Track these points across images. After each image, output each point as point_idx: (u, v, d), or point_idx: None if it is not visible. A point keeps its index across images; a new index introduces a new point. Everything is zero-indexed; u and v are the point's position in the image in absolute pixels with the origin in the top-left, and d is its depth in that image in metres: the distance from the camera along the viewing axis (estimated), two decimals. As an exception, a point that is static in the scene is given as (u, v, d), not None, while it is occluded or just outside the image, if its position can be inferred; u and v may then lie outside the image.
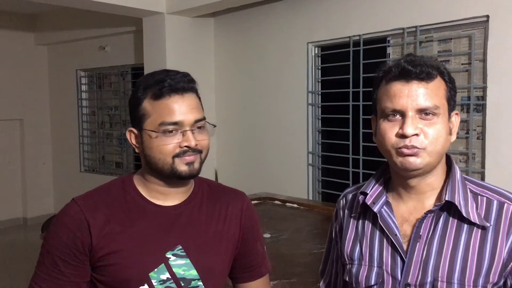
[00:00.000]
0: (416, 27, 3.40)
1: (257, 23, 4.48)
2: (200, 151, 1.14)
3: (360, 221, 1.16)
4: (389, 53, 3.65)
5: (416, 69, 1.01)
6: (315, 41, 4.07)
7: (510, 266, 1.01)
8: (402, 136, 1.01)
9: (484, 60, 3.12)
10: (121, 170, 5.93)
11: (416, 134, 1.00)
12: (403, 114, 1.01)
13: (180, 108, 1.11)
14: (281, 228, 2.69)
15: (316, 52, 4.15)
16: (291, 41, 4.21)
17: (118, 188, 1.18)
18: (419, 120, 1.01)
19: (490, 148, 3.11)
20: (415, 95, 1.00)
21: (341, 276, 1.24)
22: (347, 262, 1.17)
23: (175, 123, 1.10)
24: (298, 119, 4.21)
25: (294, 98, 4.22)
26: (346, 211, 1.21)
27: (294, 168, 4.28)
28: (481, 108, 3.16)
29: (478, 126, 3.18)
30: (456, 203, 1.02)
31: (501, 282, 1.02)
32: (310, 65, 4.13)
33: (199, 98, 1.18)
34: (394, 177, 1.12)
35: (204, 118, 1.15)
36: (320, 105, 4.18)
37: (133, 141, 1.17)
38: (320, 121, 4.20)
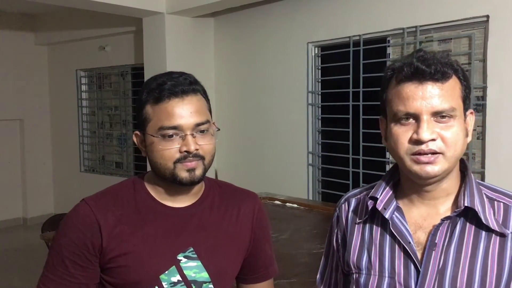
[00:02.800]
0: (416, 27, 3.40)
1: (257, 23, 4.48)
2: (202, 157, 1.10)
3: (367, 227, 1.08)
4: (389, 53, 3.65)
5: (431, 69, 0.93)
6: (315, 41, 4.07)
7: None
8: (417, 141, 0.94)
9: (484, 60, 3.12)
10: (121, 170, 5.93)
11: (433, 139, 0.93)
12: (417, 118, 0.94)
13: (180, 111, 1.08)
14: (281, 228, 2.69)
15: (316, 52, 4.15)
16: (291, 41, 4.21)
17: (129, 189, 1.17)
18: (435, 123, 0.94)
19: (490, 148, 3.11)
20: (429, 97, 0.93)
21: (342, 286, 1.19)
22: (354, 271, 1.08)
23: (174, 127, 1.07)
24: (298, 119, 4.21)
25: (294, 98, 4.22)
26: (350, 216, 1.13)
27: (294, 168, 4.28)
28: (481, 108, 3.16)
29: (478, 126, 3.18)
30: (476, 208, 0.96)
31: None
32: (310, 65, 4.13)
33: (207, 100, 1.16)
34: (405, 182, 1.04)
35: (207, 122, 1.12)
36: (320, 105, 4.18)
37: (139, 145, 1.16)
38: (320, 121, 4.20)
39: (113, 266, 1.10)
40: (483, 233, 0.97)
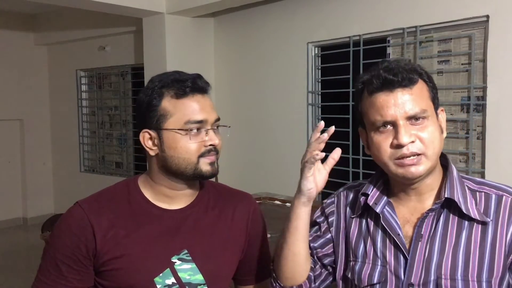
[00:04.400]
0: (416, 27, 3.40)
1: (257, 23, 4.47)
2: (217, 151, 1.14)
3: (363, 220, 1.15)
4: (389, 53, 3.65)
5: (398, 77, 1.01)
6: (315, 41, 4.07)
7: (511, 258, 1.00)
8: (398, 146, 1.00)
9: (484, 60, 3.12)
10: (121, 170, 5.92)
11: (412, 141, 1.00)
12: (394, 124, 1.01)
13: (204, 107, 1.11)
14: (281, 228, 2.69)
15: (316, 52, 4.15)
16: (291, 41, 4.20)
17: (123, 191, 1.16)
18: (411, 127, 1.01)
19: (490, 148, 3.11)
20: (401, 103, 1.00)
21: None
22: (351, 259, 1.16)
23: (200, 122, 1.10)
24: (298, 119, 4.21)
25: (294, 98, 4.22)
26: (347, 209, 1.20)
27: (294, 168, 4.25)
28: (481, 108, 3.15)
29: (478, 126, 3.18)
30: (456, 199, 1.02)
31: (507, 276, 1.00)
32: (310, 65, 4.12)
33: None
34: (392, 181, 1.12)
35: (219, 119, 1.16)
36: (320, 105, 4.17)
37: (148, 144, 1.13)
38: (320, 121, 4.19)
39: (107, 269, 1.10)
40: (466, 222, 1.03)
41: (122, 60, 5.61)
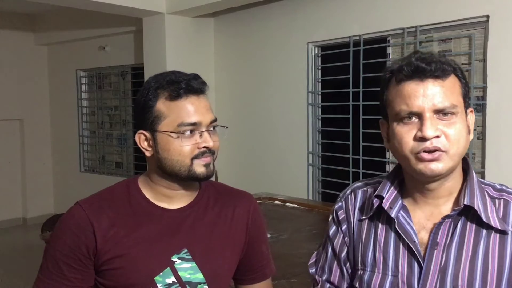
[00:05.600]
0: (416, 27, 3.40)
1: (257, 23, 4.48)
2: (213, 152, 1.14)
3: (373, 224, 1.07)
4: (389, 53, 3.65)
5: (431, 67, 0.93)
6: (315, 41, 4.07)
7: None
8: (421, 139, 0.93)
9: (484, 60, 3.12)
10: (121, 170, 5.92)
11: (437, 136, 0.93)
12: (420, 116, 0.94)
13: (198, 108, 1.10)
14: (281, 228, 2.69)
15: (316, 52, 4.15)
16: (291, 41, 4.21)
17: (123, 191, 1.17)
18: (437, 121, 0.94)
19: (490, 148, 3.11)
20: (431, 94, 0.93)
21: (342, 277, 1.15)
22: (359, 268, 1.08)
23: (193, 124, 1.09)
24: (298, 119, 4.21)
25: (294, 98, 4.22)
26: (356, 211, 1.12)
27: (294, 168, 4.28)
28: (481, 108, 3.16)
29: (478, 126, 3.18)
30: (476, 207, 0.96)
31: None
32: (310, 65, 4.13)
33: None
34: (410, 181, 1.04)
35: (216, 119, 1.15)
36: (320, 105, 4.17)
37: (144, 145, 1.14)
38: (320, 121, 4.20)
39: (108, 269, 1.10)
40: (484, 231, 0.97)
41: (122, 60, 5.61)
